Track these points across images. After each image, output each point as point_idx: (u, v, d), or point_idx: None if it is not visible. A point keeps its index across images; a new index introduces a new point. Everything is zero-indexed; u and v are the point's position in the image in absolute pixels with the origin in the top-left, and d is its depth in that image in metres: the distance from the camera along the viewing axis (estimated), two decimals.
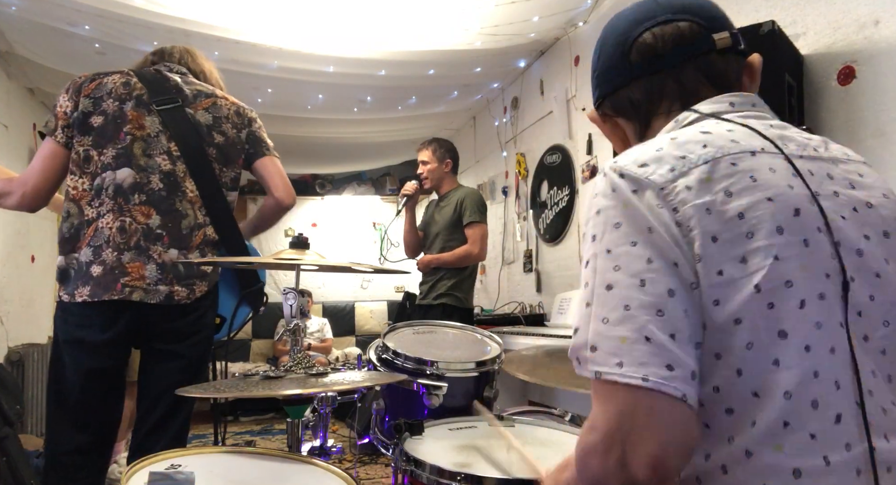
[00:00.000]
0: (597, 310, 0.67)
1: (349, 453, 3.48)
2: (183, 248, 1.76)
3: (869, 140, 1.93)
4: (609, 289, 0.67)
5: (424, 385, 1.53)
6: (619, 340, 0.64)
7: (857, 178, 0.77)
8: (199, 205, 1.81)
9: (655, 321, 0.63)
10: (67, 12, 3.04)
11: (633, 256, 0.66)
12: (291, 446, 1.54)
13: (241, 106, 1.96)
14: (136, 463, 1.06)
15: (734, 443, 0.65)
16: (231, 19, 3.20)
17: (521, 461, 1.22)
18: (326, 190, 7.08)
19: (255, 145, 1.94)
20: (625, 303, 0.65)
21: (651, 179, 0.70)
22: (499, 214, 4.81)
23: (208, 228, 1.82)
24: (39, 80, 4.09)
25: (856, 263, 0.70)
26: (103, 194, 1.73)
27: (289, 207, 1.98)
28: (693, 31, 0.83)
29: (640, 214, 0.68)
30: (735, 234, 0.66)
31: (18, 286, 4.20)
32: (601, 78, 0.92)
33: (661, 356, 0.62)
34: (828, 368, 0.65)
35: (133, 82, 1.81)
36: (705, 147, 0.72)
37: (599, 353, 0.65)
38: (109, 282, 1.68)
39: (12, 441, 2.62)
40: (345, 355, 5.83)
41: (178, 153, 1.79)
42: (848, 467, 0.64)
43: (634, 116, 0.89)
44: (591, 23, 3.51)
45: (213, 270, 1.82)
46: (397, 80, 4.10)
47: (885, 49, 1.89)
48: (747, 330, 0.65)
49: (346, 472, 1.15)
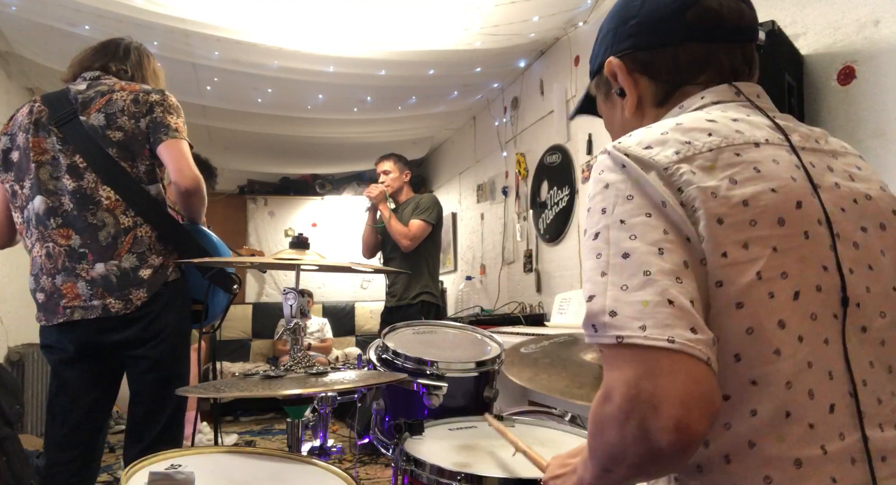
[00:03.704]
0: (614, 278, 0.64)
1: (349, 453, 3.48)
2: (109, 258, 1.76)
3: (869, 140, 1.93)
4: (626, 257, 0.64)
5: (424, 385, 1.52)
6: (641, 304, 0.61)
7: (855, 170, 0.78)
8: (123, 208, 1.78)
9: (676, 286, 0.62)
10: (67, 12, 3.04)
11: (650, 225, 0.65)
12: (291, 446, 1.54)
13: (141, 92, 1.84)
14: (136, 463, 1.06)
15: (732, 430, 0.66)
16: (231, 19, 3.20)
17: (526, 461, 1.22)
18: (326, 190, 7.08)
19: (155, 132, 1.81)
20: (644, 269, 0.63)
21: (656, 159, 0.69)
22: (499, 214, 4.81)
23: (140, 229, 1.79)
24: (39, 80, 4.09)
25: (853, 255, 0.71)
26: (31, 226, 1.82)
27: (188, 191, 1.80)
28: (751, 16, 0.83)
29: (652, 189, 0.67)
30: (740, 219, 0.66)
31: (18, 286, 4.20)
32: (642, 27, 0.83)
33: (686, 319, 0.60)
34: (821, 358, 0.66)
35: (35, 108, 1.84)
36: (710, 135, 0.71)
37: (620, 317, 0.62)
38: (52, 306, 1.78)
39: (12, 441, 2.62)
40: (345, 355, 5.83)
41: (85, 164, 1.78)
42: (843, 456, 0.64)
43: (667, 79, 0.83)
44: (591, 23, 3.51)
45: (152, 274, 1.78)
46: (397, 80, 4.10)
47: (885, 49, 1.89)
48: (748, 315, 0.64)
49: (346, 472, 1.15)
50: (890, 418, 0.68)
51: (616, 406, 0.61)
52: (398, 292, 3.67)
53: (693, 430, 0.57)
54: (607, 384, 0.63)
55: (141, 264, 1.78)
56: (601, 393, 0.64)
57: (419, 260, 3.68)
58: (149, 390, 1.83)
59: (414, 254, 3.65)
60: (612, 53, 0.87)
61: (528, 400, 2.91)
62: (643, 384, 0.59)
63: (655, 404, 0.58)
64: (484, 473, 1.14)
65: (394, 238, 3.62)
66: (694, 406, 0.58)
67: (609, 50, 0.88)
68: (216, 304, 1.96)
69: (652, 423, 0.58)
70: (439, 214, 3.77)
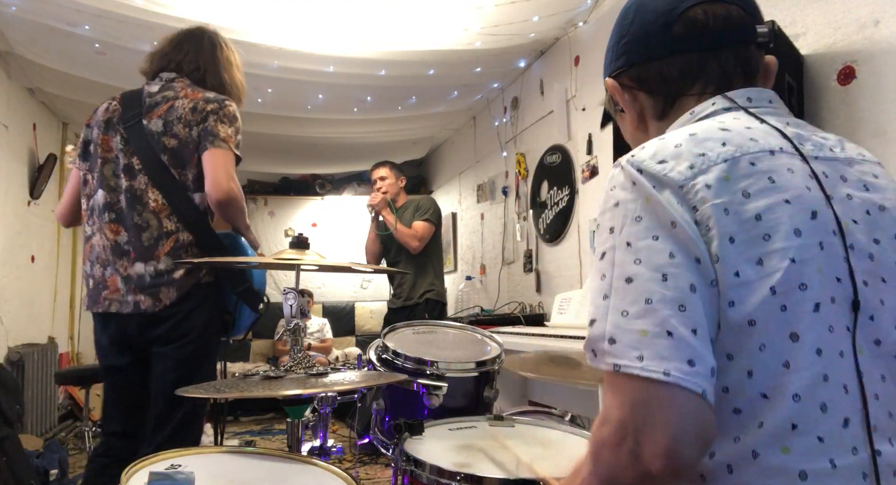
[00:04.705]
0: (616, 302, 0.65)
1: (349, 453, 3.48)
2: (149, 259, 1.82)
3: (869, 140, 1.93)
4: (629, 282, 0.65)
5: (424, 385, 1.52)
6: (640, 334, 0.63)
7: (871, 179, 0.76)
8: (168, 213, 1.84)
9: (678, 316, 0.62)
10: (67, 12, 3.04)
11: (655, 250, 0.65)
12: (291, 446, 1.54)
13: (201, 100, 1.88)
14: (135, 463, 1.06)
15: (740, 442, 0.65)
16: (231, 19, 3.20)
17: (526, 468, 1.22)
18: (326, 190, 7.08)
19: (203, 139, 1.85)
20: (646, 296, 0.63)
21: (670, 176, 0.68)
22: (499, 214, 4.81)
23: (182, 234, 1.85)
24: (39, 80, 4.08)
25: (867, 267, 0.70)
26: (94, 214, 1.92)
27: (218, 203, 1.83)
28: (741, 17, 0.81)
29: (662, 209, 0.67)
30: (752, 235, 0.66)
31: (18, 286, 4.20)
32: (632, 45, 0.85)
33: (683, 351, 0.61)
34: (837, 371, 0.65)
35: (112, 107, 1.94)
36: (724, 145, 0.71)
37: (618, 346, 0.64)
38: (95, 295, 1.89)
39: (12, 441, 2.62)
40: (345, 355, 5.83)
41: (140, 166, 1.86)
42: (854, 471, 0.63)
43: (661, 92, 0.84)
44: (591, 23, 3.51)
45: (184, 275, 1.82)
46: (397, 80, 4.10)
47: (885, 49, 1.89)
48: (760, 332, 0.64)
49: (346, 472, 1.15)
50: None
51: (611, 431, 0.63)
52: (404, 293, 3.70)
53: (682, 457, 0.60)
54: (606, 408, 0.65)
55: (176, 267, 1.82)
56: (600, 416, 0.66)
57: (425, 261, 3.72)
58: (167, 389, 1.82)
59: (420, 255, 3.69)
60: (608, 73, 0.90)
61: (528, 400, 2.91)
62: (637, 414, 0.62)
63: (647, 431, 0.61)
64: (484, 473, 1.14)
65: (402, 242, 3.64)
66: (685, 436, 0.60)
67: (608, 69, 0.90)
68: (244, 318, 1.98)
69: (644, 449, 0.61)
70: (439, 214, 3.81)
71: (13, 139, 4.14)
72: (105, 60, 3.44)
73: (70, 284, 5.30)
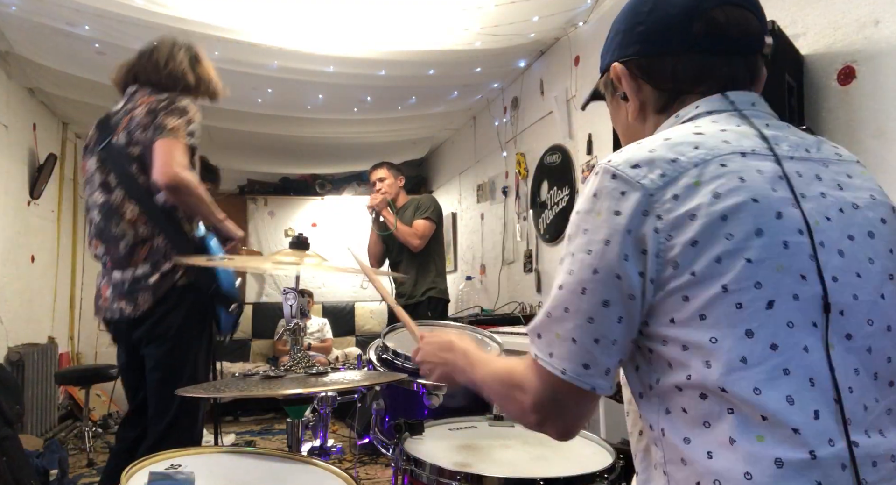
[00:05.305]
0: (548, 304, 0.78)
1: (349, 453, 3.48)
2: (126, 266, 1.91)
3: (869, 140, 1.93)
4: (560, 289, 0.76)
5: (424, 385, 1.52)
6: (555, 336, 0.76)
7: (845, 179, 0.78)
8: (143, 221, 1.91)
9: (584, 326, 0.74)
10: (67, 12, 3.04)
11: (584, 264, 0.74)
12: (291, 446, 1.54)
13: (154, 100, 1.92)
14: (136, 463, 1.06)
15: (713, 428, 0.68)
16: (231, 19, 3.20)
17: (526, 461, 1.22)
18: (326, 190, 7.08)
19: (153, 134, 1.86)
20: (565, 305, 0.75)
21: (642, 183, 0.72)
22: (499, 214, 4.81)
23: (156, 239, 1.91)
24: (39, 80, 4.09)
25: (838, 264, 0.71)
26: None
27: (166, 188, 1.83)
28: (756, 27, 0.82)
29: (606, 224, 0.73)
30: (715, 235, 0.69)
31: (18, 286, 4.20)
32: (648, 35, 0.84)
33: (581, 356, 0.74)
34: (799, 365, 0.67)
35: (90, 134, 2.06)
36: (697, 148, 0.74)
37: (541, 341, 0.78)
38: (96, 304, 2.03)
39: (12, 441, 2.62)
40: (345, 355, 5.83)
41: (116, 181, 1.93)
42: (833, 461, 0.65)
43: (667, 87, 0.85)
44: (591, 23, 3.51)
45: (159, 279, 1.88)
46: (397, 80, 4.10)
47: (885, 49, 1.89)
48: (710, 326, 0.68)
49: (346, 472, 1.15)
50: (876, 424, 0.69)
51: (527, 403, 0.80)
52: (407, 292, 3.70)
53: (573, 434, 0.83)
54: (527, 379, 0.80)
55: (153, 272, 1.89)
56: (519, 379, 0.82)
57: (427, 259, 3.71)
58: (153, 388, 1.93)
59: (422, 253, 3.69)
60: (618, 58, 0.88)
61: None
62: (546, 398, 0.79)
63: (553, 416, 0.80)
64: (484, 473, 1.14)
65: (403, 240, 3.64)
66: (577, 421, 0.81)
67: (616, 53, 0.89)
68: (223, 318, 2.01)
69: (546, 427, 0.82)
70: (439, 212, 3.80)
71: (13, 139, 4.14)
72: (105, 60, 3.44)
73: (70, 284, 5.30)
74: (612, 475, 1.16)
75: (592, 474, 1.14)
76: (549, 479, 1.11)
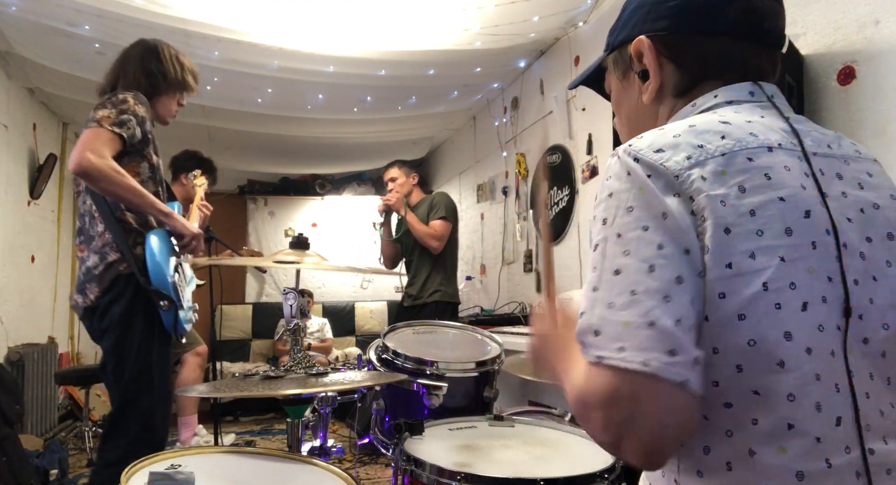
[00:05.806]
0: (603, 294, 0.66)
1: (349, 453, 3.48)
2: (84, 260, 1.98)
3: (869, 140, 1.93)
4: (617, 273, 0.65)
5: (424, 385, 1.53)
6: (623, 325, 0.63)
7: (866, 177, 0.76)
8: (98, 215, 1.98)
9: (661, 306, 0.62)
10: (67, 12, 3.04)
11: (644, 241, 0.65)
12: (291, 446, 1.54)
13: (105, 98, 1.98)
14: (136, 463, 1.06)
15: (734, 438, 0.65)
16: (231, 19, 3.20)
17: (526, 461, 1.22)
18: (326, 190, 7.07)
19: (85, 126, 1.91)
20: (631, 288, 0.64)
21: (666, 165, 0.68)
22: (499, 214, 4.81)
23: (106, 232, 1.96)
24: (39, 80, 4.08)
25: (859, 266, 0.69)
26: None
27: (75, 174, 1.89)
28: (784, 23, 0.81)
29: (654, 199, 0.66)
30: (747, 229, 0.65)
31: (18, 286, 4.20)
32: (682, 10, 0.79)
33: (664, 342, 0.61)
34: (828, 370, 0.65)
35: None
36: (723, 138, 0.70)
37: (602, 337, 0.64)
38: None
39: (12, 441, 2.62)
40: (345, 355, 5.83)
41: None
42: (848, 469, 0.64)
43: (691, 69, 0.80)
44: (591, 23, 3.51)
45: (104, 269, 1.92)
46: (397, 80, 4.10)
47: (885, 49, 1.89)
48: (750, 327, 0.64)
49: (346, 472, 1.15)
50: (893, 430, 0.67)
51: (599, 419, 0.65)
52: (415, 292, 3.61)
53: (662, 452, 0.64)
54: (589, 390, 0.66)
55: (100, 262, 1.94)
56: (587, 393, 0.66)
57: (438, 260, 3.60)
58: (107, 381, 1.98)
59: (433, 254, 3.59)
60: (644, 32, 0.82)
61: (528, 400, 2.91)
62: (622, 408, 0.62)
63: (633, 428, 0.62)
64: (484, 473, 1.14)
65: (421, 241, 3.53)
66: (667, 430, 0.62)
67: (640, 26, 0.82)
68: (162, 316, 1.97)
69: (625, 444, 0.63)
70: (454, 210, 3.68)
71: (13, 139, 4.14)
72: (105, 60, 3.41)
73: (70, 284, 5.29)
74: (612, 475, 1.16)
75: (592, 474, 1.14)
76: (549, 479, 1.11)
